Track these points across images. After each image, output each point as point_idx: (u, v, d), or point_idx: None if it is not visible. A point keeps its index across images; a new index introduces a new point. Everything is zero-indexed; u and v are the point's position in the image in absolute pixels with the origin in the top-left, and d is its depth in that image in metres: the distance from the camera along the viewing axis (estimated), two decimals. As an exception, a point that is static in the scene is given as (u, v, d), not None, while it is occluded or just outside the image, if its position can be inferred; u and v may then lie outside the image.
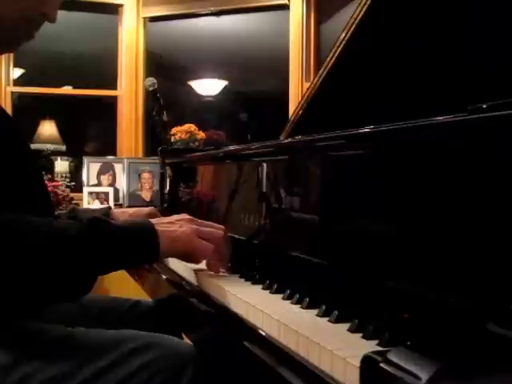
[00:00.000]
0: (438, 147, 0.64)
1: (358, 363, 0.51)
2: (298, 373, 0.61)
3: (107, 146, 4.11)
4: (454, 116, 0.61)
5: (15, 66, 3.83)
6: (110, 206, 1.22)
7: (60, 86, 4.02)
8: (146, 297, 1.32)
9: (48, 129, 4.12)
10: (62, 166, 3.57)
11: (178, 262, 1.10)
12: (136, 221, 0.91)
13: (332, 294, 0.74)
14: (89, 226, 0.82)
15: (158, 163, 1.83)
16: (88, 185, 3.41)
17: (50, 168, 3.49)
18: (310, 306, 0.75)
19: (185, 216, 0.95)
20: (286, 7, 3.51)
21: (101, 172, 3.45)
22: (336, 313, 0.69)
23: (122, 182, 3.42)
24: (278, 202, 0.99)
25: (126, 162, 3.44)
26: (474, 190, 0.59)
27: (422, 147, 0.67)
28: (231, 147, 1.43)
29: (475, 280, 0.57)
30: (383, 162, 0.74)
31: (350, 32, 1.26)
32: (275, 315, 0.71)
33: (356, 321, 0.65)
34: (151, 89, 1.87)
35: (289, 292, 0.81)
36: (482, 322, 0.51)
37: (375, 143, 0.76)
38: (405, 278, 0.67)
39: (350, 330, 0.64)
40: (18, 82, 3.94)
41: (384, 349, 0.54)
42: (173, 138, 3.20)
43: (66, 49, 4.26)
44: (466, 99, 0.62)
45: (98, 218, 0.86)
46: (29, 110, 4.18)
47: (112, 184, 3.43)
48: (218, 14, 3.80)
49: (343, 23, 1.28)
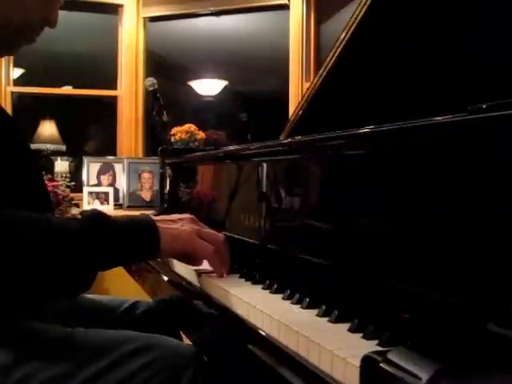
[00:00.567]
0: (438, 147, 0.64)
1: (358, 363, 0.51)
2: (298, 373, 0.61)
3: (107, 146, 4.11)
4: (454, 116, 0.61)
5: (15, 65, 3.83)
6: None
7: (60, 85, 4.02)
8: (146, 297, 1.32)
9: (48, 129, 4.12)
10: (62, 165, 3.57)
11: (178, 262, 1.10)
12: (137, 216, 0.91)
13: (332, 294, 0.74)
14: (89, 221, 0.82)
15: (157, 163, 1.83)
16: (88, 185, 3.41)
17: (50, 168, 3.49)
18: (310, 306, 0.75)
19: (187, 215, 0.95)
20: (285, 7, 3.51)
21: (101, 172, 3.46)
22: (336, 313, 0.69)
23: (122, 182, 3.42)
24: (278, 202, 0.99)
25: (125, 161, 3.44)
26: (474, 190, 0.59)
27: (422, 147, 0.67)
28: (231, 147, 1.43)
29: (475, 280, 0.57)
30: (383, 162, 0.74)
31: (349, 32, 1.26)
32: (275, 315, 0.71)
33: (356, 321, 0.65)
34: (151, 89, 1.87)
35: (289, 292, 0.81)
36: (482, 322, 0.51)
37: (375, 143, 0.76)
38: (405, 277, 0.67)
39: (350, 330, 0.64)
40: (18, 81, 3.94)
41: (384, 349, 0.54)
42: (173, 138, 3.20)
43: (65, 49, 4.26)
44: (466, 99, 0.62)
45: (98, 212, 0.86)
46: (29, 109, 4.18)
47: (112, 184, 3.43)
48: (217, 13, 3.80)
49: (343, 23, 1.28)
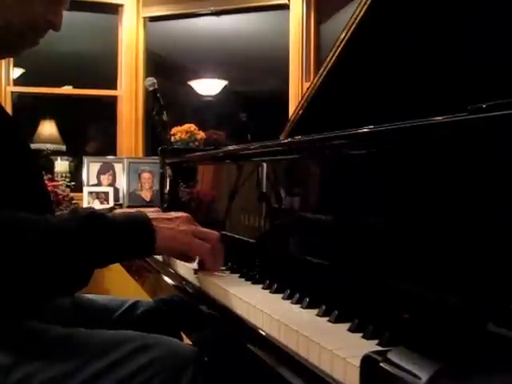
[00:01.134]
0: (438, 147, 0.64)
1: (358, 363, 0.51)
2: (298, 373, 0.61)
3: (107, 146, 4.11)
4: (454, 116, 0.61)
5: (15, 65, 3.83)
6: (112, 206, 1.23)
7: (60, 85, 4.02)
8: (146, 297, 1.32)
9: (48, 129, 4.12)
10: (62, 165, 3.57)
11: (178, 262, 1.10)
12: (133, 214, 0.91)
13: (332, 294, 0.74)
14: (86, 220, 0.83)
15: (157, 163, 1.83)
16: (88, 185, 3.41)
17: (50, 168, 3.49)
18: (310, 306, 0.75)
19: (183, 214, 0.96)
20: (285, 7, 3.51)
21: (101, 172, 3.46)
22: (336, 312, 0.69)
23: (122, 182, 3.42)
24: (278, 202, 0.99)
25: (126, 161, 3.44)
26: (474, 190, 0.59)
27: (422, 147, 0.67)
28: (231, 147, 1.43)
29: (475, 280, 0.57)
30: (383, 162, 0.74)
31: (349, 32, 1.26)
32: (275, 315, 0.71)
33: (356, 320, 0.65)
34: (151, 89, 1.87)
35: (289, 292, 0.81)
36: (482, 322, 0.51)
37: (375, 143, 0.76)
38: (405, 277, 0.67)
39: (350, 330, 0.64)
40: (18, 81, 3.94)
41: (384, 349, 0.54)
42: (173, 138, 3.20)
43: (66, 49, 4.26)
44: (466, 99, 0.62)
45: (95, 211, 0.86)
46: (29, 109, 4.18)
47: (112, 184, 3.43)
48: (217, 13, 3.80)
49: (343, 23, 1.28)
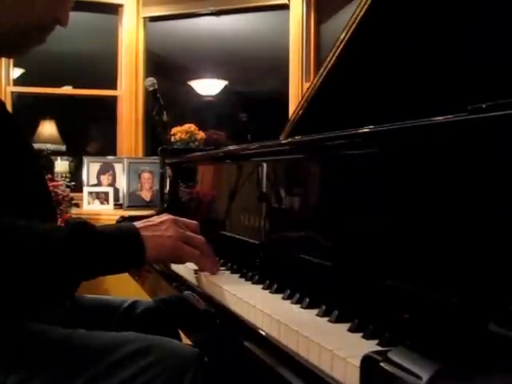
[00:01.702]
0: (438, 147, 0.64)
1: (358, 363, 0.51)
2: (298, 373, 0.61)
3: (107, 146, 4.11)
4: (454, 116, 0.61)
5: (15, 65, 3.83)
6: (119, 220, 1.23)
7: (60, 85, 4.02)
8: (146, 297, 1.32)
9: (48, 129, 4.12)
10: (62, 165, 3.56)
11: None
12: (121, 226, 0.90)
13: (332, 294, 0.74)
14: (73, 231, 0.81)
15: (157, 163, 1.83)
16: (88, 185, 3.41)
17: (50, 168, 3.49)
18: (310, 306, 0.75)
19: (167, 217, 0.94)
20: (285, 7, 3.51)
21: (101, 172, 3.45)
22: (336, 313, 0.69)
23: (122, 182, 3.42)
24: (278, 202, 0.99)
25: (126, 161, 3.44)
26: (474, 190, 0.59)
27: (422, 147, 0.67)
28: (231, 147, 1.43)
29: (475, 280, 0.57)
30: (383, 162, 0.74)
31: (350, 32, 1.26)
32: (275, 315, 0.71)
33: (356, 321, 0.65)
34: (151, 89, 1.87)
35: (289, 292, 0.81)
36: (482, 322, 0.51)
37: (375, 143, 0.76)
38: (405, 277, 0.67)
39: (350, 330, 0.64)
40: (18, 81, 3.94)
41: (384, 349, 0.54)
42: (173, 138, 3.20)
43: (65, 49, 4.26)
44: (466, 99, 0.62)
45: (83, 221, 0.85)
46: (29, 109, 4.18)
47: (112, 184, 3.43)
48: (217, 13, 3.80)
49: (343, 23, 1.28)
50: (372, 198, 0.75)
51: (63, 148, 4.08)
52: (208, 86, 5.08)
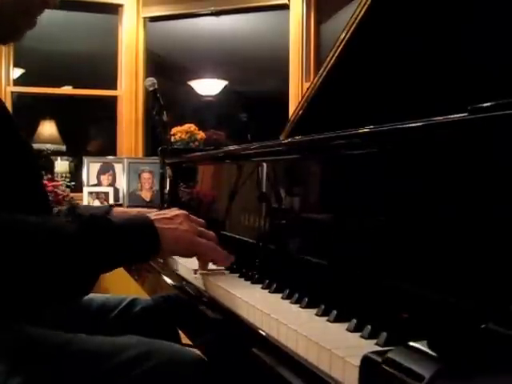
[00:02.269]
0: (438, 147, 0.64)
1: (356, 362, 0.51)
2: (297, 372, 0.61)
3: (107, 146, 4.11)
4: (454, 116, 0.61)
5: (15, 65, 3.83)
6: (111, 204, 1.22)
7: (60, 85, 4.02)
8: (145, 295, 1.32)
9: (48, 129, 4.12)
10: (61, 165, 3.57)
11: (178, 262, 1.10)
12: (135, 218, 0.90)
13: (331, 294, 0.74)
14: (87, 224, 0.81)
15: (157, 163, 1.83)
16: (88, 185, 3.41)
17: (50, 168, 3.49)
18: (308, 306, 0.74)
19: (181, 212, 0.94)
20: (285, 7, 3.51)
21: (101, 172, 3.46)
22: (335, 312, 0.69)
23: (122, 182, 3.42)
24: (278, 202, 0.99)
25: (126, 161, 3.44)
26: (474, 190, 0.59)
27: (422, 147, 0.67)
28: (231, 147, 1.43)
29: (475, 280, 0.57)
30: (383, 162, 0.74)
31: (350, 32, 1.26)
32: (274, 314, 0.70)
33: (355, 320, 0.65)
34: (151, 89, 1.87)
35: (288, 291, 0.81)
36: (481, 322, 0.51)
37: (375, 143, 0.76)
38: (404, 277, 0.67)
39: (349, 330, 0.64)
40: (18, 81, 3.94)
41: (383, 348, 0.54)
42: (173, 138, 3.20)
43: (65, 49, 4.27)
44: (466, 99, 0.62)
45: (97, 215, 0.84)
46: (29, 109, 4.18)
47: (112, 184, 3.43)
48: (217, 13, 3.80)
49: (343, 23, 1.28)
50: (371, 197, 0.75)
51: (63, 148, 4.08)
52: (208, 86, 5.08)
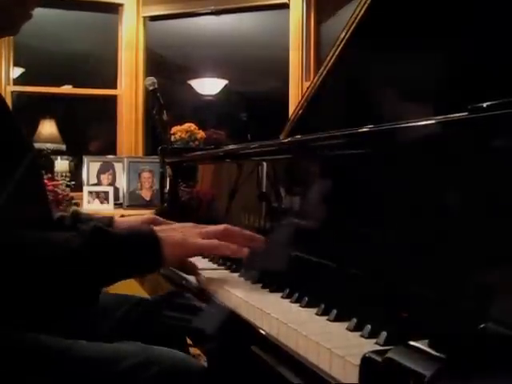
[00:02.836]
0: (438, 147, 0.64)
1: (356, 362, 0.51)
2: (297, 371, 0.61)
3: (107, 145, 4.11)
4: (454, 116, 0.61)
5: (15, 65, 3.82)
6: (112, 216, 1.21)
7: (60, 85, 4.02)
8: (146, 296, 1.32)
9: (48, 128, 4.11)
10: (61, 165, 3.56)
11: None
12: (138, 230, 0.89)
13: (331, 293, 0.74)
14: (90, 239, 0.80)
15: (158, 162, 1.83)
16: (88, 184, 3.41)
17: (50, 167, 3.49)
18: (308, 305, 0.75)
19: (189, 224, 0.94)
20: (285, 6, 3.51)
21: (101, 171, 3.45)
22: (335, 311, 0.69)
23: (122, 182, 3.42)
24: (278, 202, 0.99)
25: (126, 161, 3.44)
26: (474, 190, 0.59)
27: (422, 147, 0.67)
28: (231, 147, 1.43)
29: (475, 279, 0.57)
30: (383, 162, 0.74)
31: (349, 32, 1.26)
32: (274, 314, 0.71)
33: (355, 319, 0.65)
34: (151, 88, 1.87)
35: (288, 291, 0.81)
36: (481, 321, 0.51)
37: (375, 143, 0.77)
38: (404, 276, 0.67)
39: (349, 329, 0.64)
40: (18, 81, 3.93)
41: (383, 348, 0.54)
42: (173, 137, 3.20)
43: (65, 48, 4.26)
44: (466, 99, 0.62)
45: (99, 227, 0.84)
46: (29, 109, 4.18)
47: (112, 183, 3.43)
48: (217, 13, 3.80)
49: (343, 23, 1.28)
50: (371, 197, 0.76)
51: (63, 147, 4.07)
52: (208, 86, 5.07)
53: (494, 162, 0.57)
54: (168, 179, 1.73)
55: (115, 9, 3.77)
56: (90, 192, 3.35)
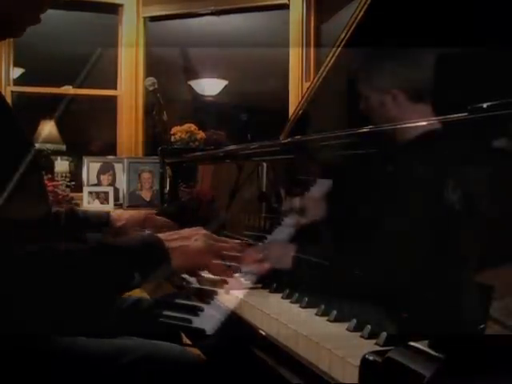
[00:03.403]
0: (439, 147, 0.64)
1: (356, 362, 0.51)
2: (297, 372, 0.61)
3: (107, 146, 4.11)
4: (454, 116, 0.61)
5: (15, 65, 3.83)
6: (108, 211, 1.20)
7: (60, 85, 4.02)
8: (145, 296, 1.32)
9: (48, 128, 4.11)
10: (61, 165, 3.56)
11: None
12: (147, 240, 0.87)
13: (331, 294, 0.74)
14: (96, 253, 0.79)
15: (157, 163, 1.83)
16: (88, 184, 3.41)
17: (50, 168, 3.49)
18: (308, 306, 0.75)
19: (201, 231, 0.90)
20: (285, 7, 3.51)
21: (101, 172, 3.45)
22: (335, 312, 0.69)
23: (121, 182, 3.42)
24: (278, 202, 0.99)
25: (125, 161, 3.44)
26: (474, 190, 0.59)
27: (422, 147, 0.67)
28: (231, 147, 1.43)
29: (474, 279, 0.57)
30: (383, 162, 0.74)
31: (349, 32, 1.26)
32: (274, 314, 0.71)
33: (355, 320, 0.65)
34: (151, 88, 1.87)
35: (288, 291, 0.81)
36: (481, 322, 0.51)
37: (375, 143, 0.76)
38: (404, 277, 0.67)
39: (349, 330, 0.64)
40: (18, 81, 3.94)
41: (383, 348, 0.54)
42: (173, 138, 3.20)
43: (65, 48, 4.26)
44: (466, 99, 0.62)
45: (105, 242, 0.83)
46: (29, 109, 4.18)
47: (112, 184, 3.43)
48: (218, 13, 3.80)
49: (343, 23, 1.28)
50: (371, 197, 0.75)
51: (63, 148, 4.07)
52: (208, 86, 5.07)
53: (493, 162, 0.57)
54: (168, 180, 1.73)
55: (115, 9, 3.77)
56: (90, 192, 3.35)
